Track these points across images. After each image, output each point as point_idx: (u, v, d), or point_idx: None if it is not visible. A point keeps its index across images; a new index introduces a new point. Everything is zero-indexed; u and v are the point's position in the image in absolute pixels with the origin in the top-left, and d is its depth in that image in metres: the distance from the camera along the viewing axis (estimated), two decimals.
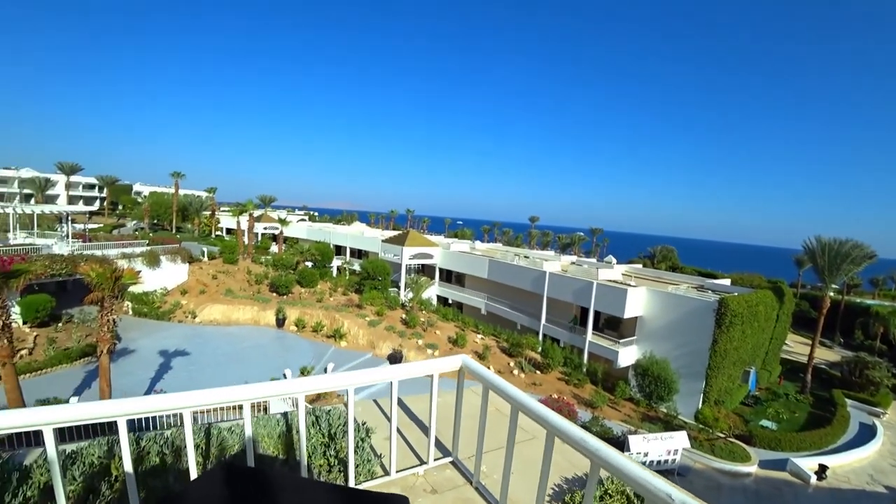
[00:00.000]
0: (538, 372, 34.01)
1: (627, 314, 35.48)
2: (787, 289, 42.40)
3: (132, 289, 40.87)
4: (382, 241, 57.54)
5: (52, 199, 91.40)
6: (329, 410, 5.09)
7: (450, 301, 53.35)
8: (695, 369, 32.57)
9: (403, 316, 39.08)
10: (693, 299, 34.06)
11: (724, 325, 31.24)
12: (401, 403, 5.99)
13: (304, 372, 28.45)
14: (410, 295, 45.24)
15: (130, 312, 37.77)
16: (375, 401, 6.11)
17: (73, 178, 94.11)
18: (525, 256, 50.59)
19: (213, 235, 78.82)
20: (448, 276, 55.67)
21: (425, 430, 5.21)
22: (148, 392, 25.73)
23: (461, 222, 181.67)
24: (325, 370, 29.27)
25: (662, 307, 35.48)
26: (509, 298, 46.60)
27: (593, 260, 61.81)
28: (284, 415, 4.95)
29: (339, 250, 67.88)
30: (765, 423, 31.32)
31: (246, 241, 53.40)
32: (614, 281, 39.89)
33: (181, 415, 3.54)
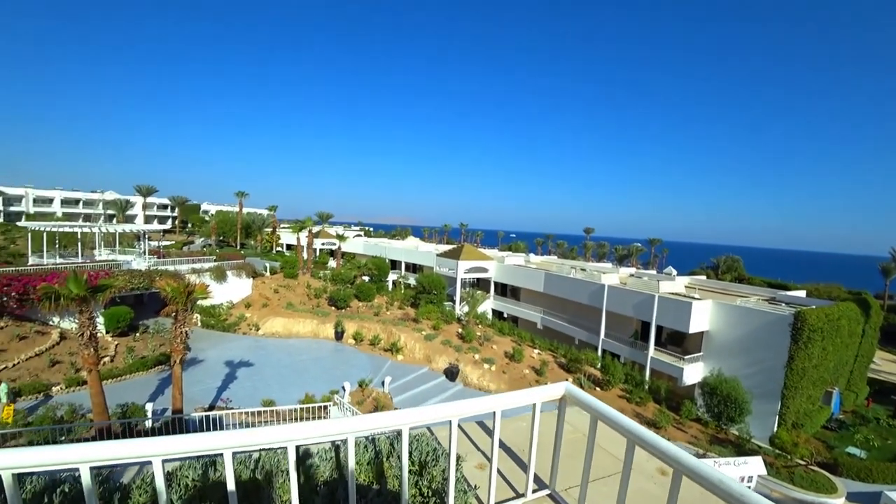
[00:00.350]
0: (598, 389, 32.88)
1: (692, 329, 33.84)
2: (872, 300, 39.15)
3: (201, 302, 43.02)
4: (437, 255, 57.90)
5: (130, 219, 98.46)
6: (417, 436, 4.92)
7: (505, 315, 52.83)
8: (769, 389, 30.53)
9: (459, 330, 38.93)
10: (765, 313, 32.05)
11: (801, 341, 29.15)
12: (483, 426, 5.76)
13: (362, 385, 28.77)
14: (466, 309, 45.04)
15: (199, 324, 39.67)
16: (460, 426, 5.84)
17: (149, 200, 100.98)
18: (581, 269, 49.43)
19: (274, 251, 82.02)
20: (503, 290, 55.20)
21: (516, 458, 4.97)
22: (215, 400, 26.75)
23: (514, 235, 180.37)
24: (383, 384, 29.48)
25: (731, 321, 33.60)
26: (566, 312, 45.59)
27: (653, 272, 59.60)
28: (372, 440, 4.80)
29: (395, 265, 68.89)
30: (852, 450, 28.82)
31: (305, 257, 55.07)
32: (677, 294, 38.20)
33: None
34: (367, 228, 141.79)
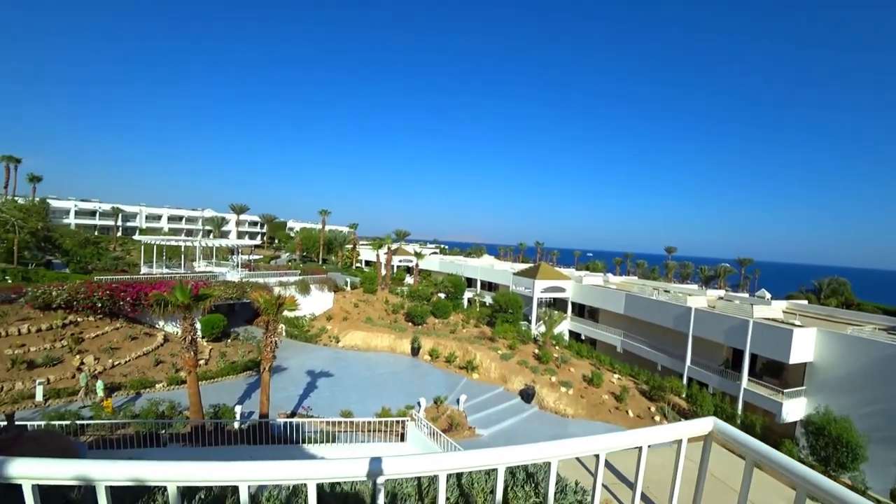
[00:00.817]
0: (683, 420, 30.67)
1: (793, 359, 30.87)
2: None
3: (286, 313, 45.32)
4: (513, 274, 57.34)
5: (225, 234, 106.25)
6: (540, 465, 4.59)
7: (582, 337, 51.10)
8: (890, 434, 27.08)
9: (536, 351, 38.07)
10: (886, 345, 28.63)
11: None
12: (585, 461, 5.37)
13: (437, 402, 28.75)
14: (542, 329, 44.07)
15: (284, 334, 41.61)
16: (579, 459, 5.43)
17: (242, 217, 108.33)
18: (665, 290, 46.97)
19: (353, 267, 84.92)
20: (580, 311, 53.52)
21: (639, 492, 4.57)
22: (296, 407, 27.72)
23: (591, 254, 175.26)
24: (458, 402, 29.28)
25: (840, 353, 30.33)
26: (648, 336, 43.31)
27: (744, 295, 55.36)
28: (488, 473, 4.43)
29: (470, 282, 68.99)
30: None
31: (384, 273, 56.50)
32: (774, 319, 35.17)
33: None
34: (441, 246, 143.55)
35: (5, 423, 14.63)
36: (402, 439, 22.88)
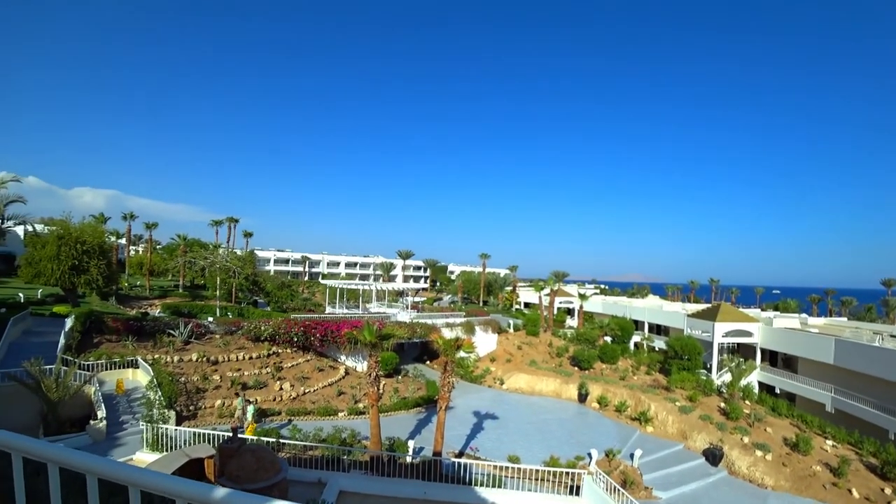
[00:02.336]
0: None
1: None
2: None
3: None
4: (687, 315, 52.33)
5: (392, 278, 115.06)
6: None
7: (777, 390, 44.01)
8: None
9: (721, 405, 33.76)
10: None
11: None
12: None
13: (609, 454, 26.92)
14: (726, 379, 39.14)
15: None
16: None
17: (407, 262, 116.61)
18: (892, 336, 38.58)
19: (513, 308, 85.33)
20: (772, 359, 46.43)
21: None
22: (464, 447, 28.12)
23: (777, 291, 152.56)
24: (632, 457, 27.05)
25: None
26: (872, 393, 35.59)
27: None
28: None
29: (636, 325, 64.56)
30: None
31: (546, 315, 55.71)
32: None
33: None
34: (601, 286, 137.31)
35: (231, 434, 17.16)
36: (575, 493, 21.70)
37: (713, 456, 28.41)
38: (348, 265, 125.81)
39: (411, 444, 25.69)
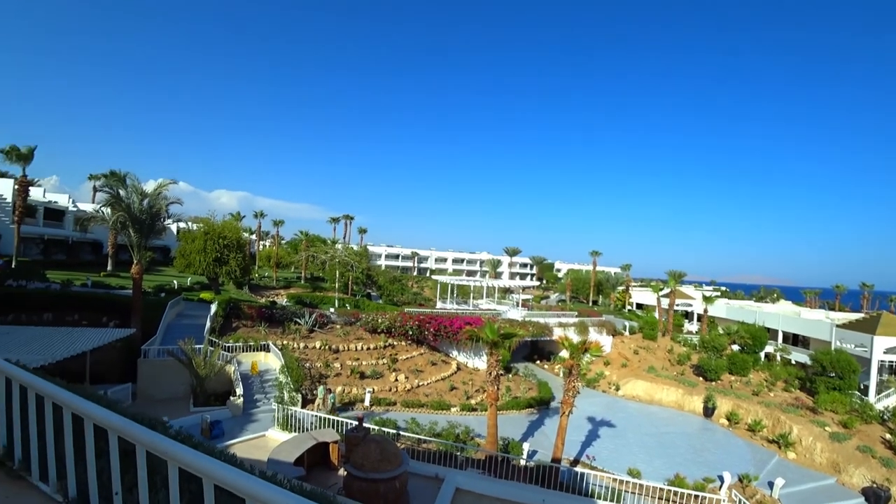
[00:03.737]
0: None
1: None
2: None
3: (562, 353, 45.44)
4: (836, 325, 45.91)
5: (499, 275, 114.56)
6: None
7: None
8: None
9: (887, 436, 29.09)
10: None
11: None
12: None
13: (743, 480, 24.31)
14: (888, 403, 33.73)
15: (561, 375, 41.62)
16: None
17: (514, 259, 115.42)
18: None
19: (625, 310, 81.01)
20: None
21: None
22: (579, 455, 26.97)
23: None
24: (771, 486, 24.14)
25: None
26: None
27: None
28: None
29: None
30: None
31: (665, 318, 52.04)
32: None
33: None
34: (721, 288, 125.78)
35: (357, 423, 17.72)
36: None
37: (877, 497, 24.41)
38: (455, 261, 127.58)
39: (526, 446, 25.05)
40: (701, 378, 39.04)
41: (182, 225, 49.02)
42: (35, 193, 50.95)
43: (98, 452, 3.14)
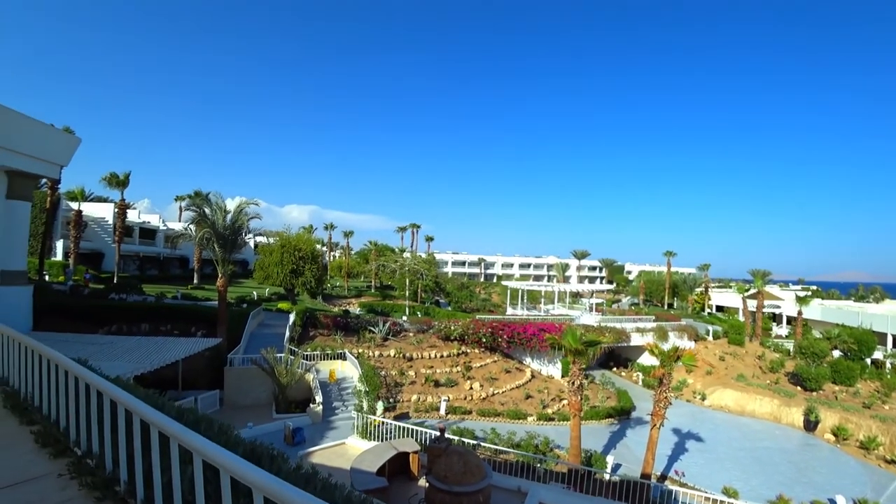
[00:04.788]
0: None
1: None
2: None
3: (640, 360, 43.43)
4: None
5: (567, 279, 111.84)
6: None
7: None
8: None
9: None
10: None
11: None
12: None
13: None
14: None
15: (640, 383, 39.73)
16: None
17: (582, 262, 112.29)
18: None
19: (704, 312, 76.49)
20: None
21: None
22: (665, 469, 25.49)
23: None
24: None
25: None
26: None
27: None
28: None
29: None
30: None
31: (753, 322, 48.51)
32: None
33: None
34: (811, 287, 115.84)
35: (439, 433, 17.53)
36: None
37: None
38: (522, 266, 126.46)
39: (609, 459, 23.97)
40: (799, 388, 35.82)
41: (260, 239, 51.89)
42: (131, 215, 56.28)
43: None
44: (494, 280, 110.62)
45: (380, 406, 24.69)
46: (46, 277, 37.66)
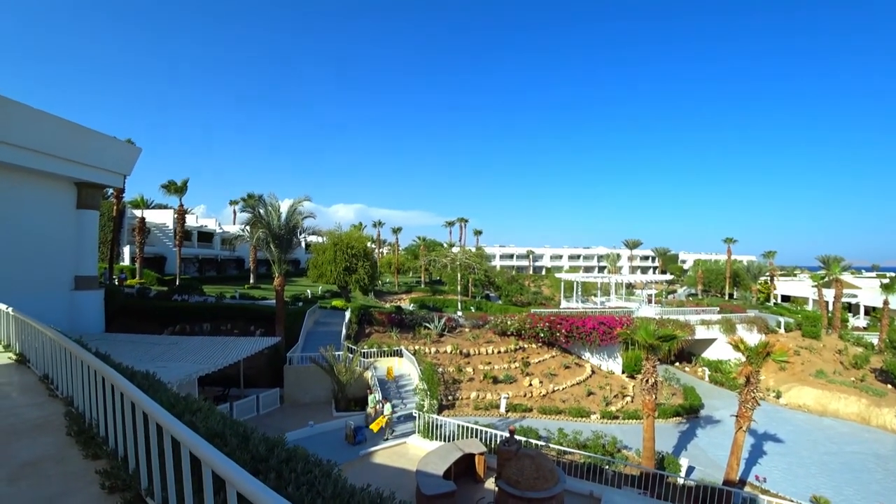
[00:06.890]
0: None
1: None
2: None
3: (705, 354, 41.23)
4: None
5: (618, 270, 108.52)
6: None
7: None
8: None
9: None
10: None
11: None
12: None
13: None
14: None
15: (707, 379, 37.70)
16: None
17: (634, 252, 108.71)
18: None
19: (770, 303, 72.36)
20: None
21: None
22: (744, 473, 23.78)
23: None
24: None
25: None
26: None
27: None
28: None
29: None
30: None
31: (829, 313, 45.19)
32: None
33: None
34: (889, 274, 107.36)
35: (509, 435, 16.77)
36: None
37: None
38: (571, 257, 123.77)
39: (683, 462, 22.63)
40: (889, 385, 32.94)
41: (312, 238, 52.70)
42: (189, 220, 58.68)
43: None
44: (543, 272, 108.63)
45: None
46: (117, 281, 39.42)
